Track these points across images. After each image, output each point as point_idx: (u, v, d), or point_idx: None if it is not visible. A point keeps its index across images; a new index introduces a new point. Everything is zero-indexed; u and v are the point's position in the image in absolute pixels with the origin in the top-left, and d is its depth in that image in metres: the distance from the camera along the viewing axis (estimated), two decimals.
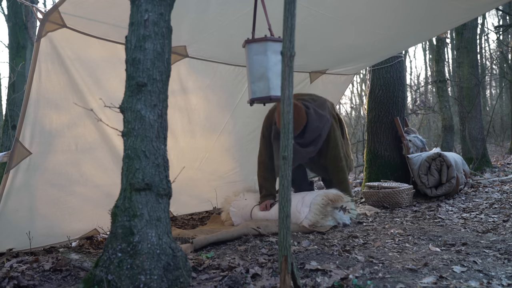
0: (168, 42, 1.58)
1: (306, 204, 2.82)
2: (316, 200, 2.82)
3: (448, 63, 15.85)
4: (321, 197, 2.83)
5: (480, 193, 3.90)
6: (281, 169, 1.41)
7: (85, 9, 2.38)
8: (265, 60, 2.30)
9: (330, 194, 2.86)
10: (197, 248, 2.34)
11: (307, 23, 2.83)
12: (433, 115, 12.97)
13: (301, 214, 2.79)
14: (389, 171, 4.16)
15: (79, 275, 1.96)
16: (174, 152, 3.32)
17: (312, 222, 2.73)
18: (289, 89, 1.39)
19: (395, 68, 4.27)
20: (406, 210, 3.32)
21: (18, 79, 6.33)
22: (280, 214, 1.40)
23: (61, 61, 2.53)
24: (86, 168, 2.86)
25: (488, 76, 15.42)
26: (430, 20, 3.15)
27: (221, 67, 3.42)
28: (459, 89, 6.78)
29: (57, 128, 2.63)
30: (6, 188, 2.45)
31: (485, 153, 6.28)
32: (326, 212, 2.81)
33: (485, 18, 17.47)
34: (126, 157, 1.53)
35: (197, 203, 3.90)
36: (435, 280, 1.59)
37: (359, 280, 1.63)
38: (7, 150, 2.98)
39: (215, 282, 1.68)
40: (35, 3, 6.42)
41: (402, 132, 4.10)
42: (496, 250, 1.98)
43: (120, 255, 1.45)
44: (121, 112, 1.55)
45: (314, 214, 2.75)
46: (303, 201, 2.87)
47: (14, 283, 1.79)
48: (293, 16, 1.38)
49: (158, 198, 1.53)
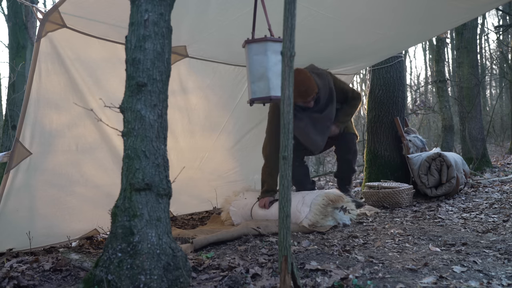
0: (168, 42, 1.58)
1: (307, 203, 2.82)
2: (317, 200, 2.81)
3: (448, 63, 15.86)
4: (322, 197, 2.83)
5: (480, 193, 3.90)
6: (281, 169, 1.41)
7: (85, 9, 2.38)
8: (265, 60, 2.30)
9: (331, 195, 2.86)
10: (197, 248, 2.34)
11: (307, 23, 2.83)
12: (433, 115, 12.97)
13: (301, 214, 2.79)
14: (389, 171, 4.16)
15: (79, 275, 1.96)
16: (174, 152, 3.32)
17: (312, 222, 2.73)
18: (289, 89, 1.39)
19: (395, 68, 4.27)
20: (406, 210, 3.32)
21: (18, 79, 6.34)
22: (280, 214, 1.40)
23: (61, 61, 2.53)
24: (86, 168, 2.86)
25: (488, 76, 15.43)
26: (430, 20, 3.15)
27: (221, 67, 3.42)
28: (459, 89, 6.78)
29: (57, 128, 2.63)
30: (6, 188, 2.45)
31: (485, 153, 6.28)
32: (326, 212, 2.80)
33: (485, 18, 17.48)
34: (126, 157, 1.53)
35: (197, 203, 3.90)
36: (435, 280, 1.59)
37: (359, 280, 1.63)
38: (7, 150, 2.98)
39: (215, 282, 1.68)
40: (35, 3, 6.42)
41: (402, 132, 4.10)
42: (496, 250, 1.98)
43: (120, 255, 1.45)
44: (121, 112, 1.55)
45: (314, 214, 2.75)
46: (303, 200, 2.87)
47: (14, 283, 1.79)
48: (293, 16, 1.38)
49: (158, 198, 1.53)
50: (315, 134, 3.19)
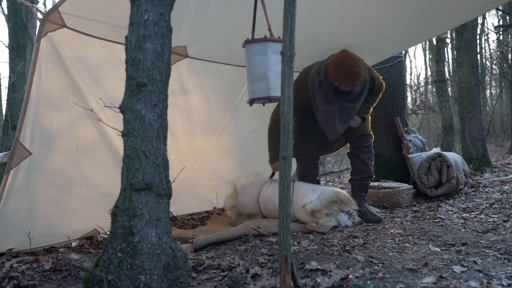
0: (168, 42, 1.58)
1: (316, 191, 2.84)
2: (327, 192, 2.82)
3: (448, 63, 15.86)
4: (333, 192, 2.83)
5: (480, 193, 3.90)
6: (281, 169, 1.41)
7: (85, 9, 2.38)
8: (265, 60, 2.30)
9: (341, 194, 2.85)
10: (197, 248, 2.34)
11: (307, 23, 2.83)
12: (433, 115, 12.97)
13: (307, 198, 2.79)
14: (389, 171, 4.16)
15: (79, 275, 1.96)
16: (174, 152, 3.32)
17: (315, 209, 2.72)
18: (289, 89, 1.39)
19: (395, 68, 4.27)
20: (406, 210, 3.32)
21: (18, 79, 6.34)
22: (280, 214, 1.40)
23: (61, 61, 2.53)
24: (86, 169, 2.86)
25: (488, 76, 15.44)
26: (431, 19, 3.15)
27: (221, 67, 3.42)
28: (459, 89, 6.78)
29: (57, 129, 2.63)
30: (6, 189, 2.45)
31: (485, 153, 6.29)
32: (331, 209, 2.79)
33: (485, 18, 17.48)
34: (126, 157, 1.53)
35: (197, 203, 3.90)
36: (435, 280, 1.59)
37: (359, 280, 1.63)
38: (7, 150, 2.98)
39: (215, 282, 1.68)
40: (35, 3, 6.42)
41: (402, 132, 4.10)
42: (496, 250, 1.98)
43: (120, 255, 1.45)
44: (121, 112, 1.55)
45: (320, 203, 2.74)
46: (314, 188, 2.90)
47: (14, 283, 1.79)
48: (293, 16, 1.38)
49: (158, 198, 1.53)
50: (339, 123, 2.93)
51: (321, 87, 2.83)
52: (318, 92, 2.85)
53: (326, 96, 2.84)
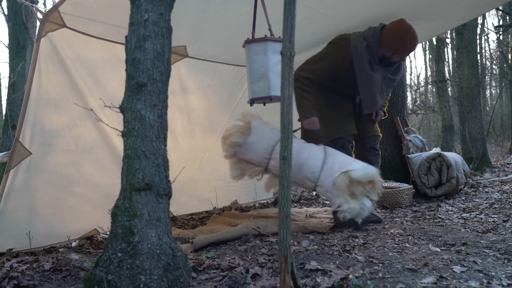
0: (168, 42, 1.58)
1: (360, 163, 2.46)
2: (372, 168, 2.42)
3: (448, 63, 15.86)
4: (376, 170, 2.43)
5: (480, 193, 3.90)
6: (281, 169, 1.41)
7: (85, 9, 2.38)
8: (265, 60, 2.30)
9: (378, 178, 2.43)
10: (197, 248, 2.34)
11: (307, 23, 2.83)
12: (433, 115, 12.97)
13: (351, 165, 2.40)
14: (389, 171, 4.16)
15: (79, 275, 1.96)
16: (174, 152, 3.32)
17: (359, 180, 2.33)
18: (289, 89, 1.39)
19: None
20: (406, 210, 3.32)
21: (18, 79, 6.34)
22: (280, 214, 1.40)
23: (61, 61, 2.53)
24: (86, 169, 2.86)
25: (488, 76, 15.43)
26: (431, 19, 3.15)
27: (221, 67, 3.42)
28: (459, 89, 6.78)
29: (57, 128, 2.63)
30: (6, 188, 2.45)
31: (485, 153, 6.29)
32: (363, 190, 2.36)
33: (485, 18, 17.47)
34: (126, 157, 1.53)
35: (197, 203, 3.89)
36: (435, 280, 1.59)
37: (359, 280, 1.63)
38: (7, 150, 2.97)
39: (215, 282, 1.68)
40: (35, 3, 6.42)
41: (402, 132, 4.10)
42: (496, 250, 1.98)
43: (120, 255, 1.45)
44: (121, 112, 1.55)
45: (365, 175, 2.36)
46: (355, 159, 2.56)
47: (14, 283, 1.79)
48: (293, 16, 1.38)
49: (158, 198, 1.53)
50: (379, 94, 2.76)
51: (368, 51, 2.64)
52: (365, 54, 2.63)
53: (370, 62, 2.67)
